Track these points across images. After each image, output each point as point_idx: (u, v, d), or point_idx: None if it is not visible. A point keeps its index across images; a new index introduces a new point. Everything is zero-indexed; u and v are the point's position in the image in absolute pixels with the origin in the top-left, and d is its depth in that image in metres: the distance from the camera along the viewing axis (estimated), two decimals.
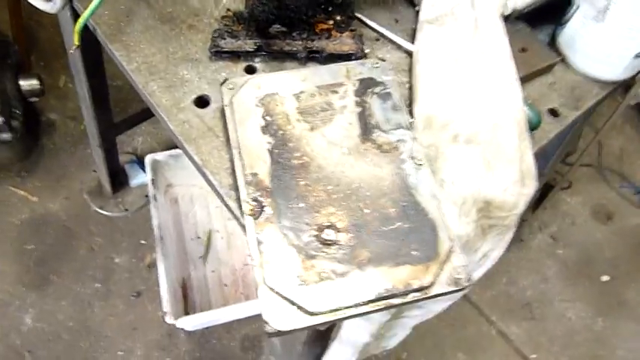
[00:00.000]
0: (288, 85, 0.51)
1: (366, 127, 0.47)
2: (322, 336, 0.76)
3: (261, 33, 0.57)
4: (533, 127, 0.55)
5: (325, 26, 0.58)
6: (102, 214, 1.66)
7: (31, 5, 0.70)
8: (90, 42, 0.99)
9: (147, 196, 1.67)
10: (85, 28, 0.61)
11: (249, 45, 0.55)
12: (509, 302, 1.63)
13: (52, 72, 1.87)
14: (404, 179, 0.43)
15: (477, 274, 0.59)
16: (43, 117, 1.82)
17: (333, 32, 0.58)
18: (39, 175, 1.72)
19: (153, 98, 0.54)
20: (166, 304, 1.32)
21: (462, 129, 0.51)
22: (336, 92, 0.50)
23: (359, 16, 0.63)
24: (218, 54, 0.56)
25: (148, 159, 1.54)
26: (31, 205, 1.69)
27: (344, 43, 0.57)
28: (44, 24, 2.03)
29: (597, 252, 1.73)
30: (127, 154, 1.76)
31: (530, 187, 0.54)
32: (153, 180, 1.51)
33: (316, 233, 0.43)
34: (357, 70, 0.53)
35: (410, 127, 0.46)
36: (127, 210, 1.67)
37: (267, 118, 0.48)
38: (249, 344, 1.53)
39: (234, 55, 0.56)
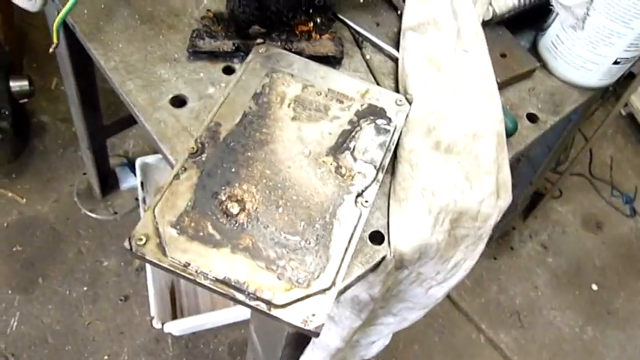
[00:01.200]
0: (306, 73, 0.51)
1: (341, 145, 0.47)
2: (304, 340, 0.75)
3: (240, 34, 0.57)
4: (509, 133, 0.55)
5: (305, 28, 0.58)
6: (91, 217, 1.66)
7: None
8: (78, 42, 0.99)
9: (137, 199, 1.66)
10: (68, 27, 0.61)
11: (227, 45, 0.55)
12: (499, 310, 1.63)
13: (44, 74, 1.87)
14: (335, 207, 0.43)
15: (451, 283, 0.59)
16: (34, 119, 1.81)
17: (313, 34, 0.58)
18: (28, 177, 1.72)
19: (129, 97, 0.53)
20: (154, 309, 1.31)
21: (444, 136, 0.51)
22: (341, 102, 0.50)
23: (341, 17, 0.63)
24: (196, 54, 0.56)
25: (139, 162, 1.54)
26: (19, 207, 1.68)
27: (323, 45, 0.57)
28: (36, 25, 2.03)
29: (587, 261, 1.73)
30: (118, 156, 1.76)
31: (506, 200, 0.54)
32: (142, 183, 1.51)
33: (223, 199, 0.43)
34: (376, 95, 0.52)
35: (381, 170, 0.46)
36: (116, 213, 1.66)
37: (266, 89, 0.48)
38: (237, 349, 1.52)
39: (213, 56, 0.56)
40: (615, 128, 2.04)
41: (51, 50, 0.61)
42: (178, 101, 0.54)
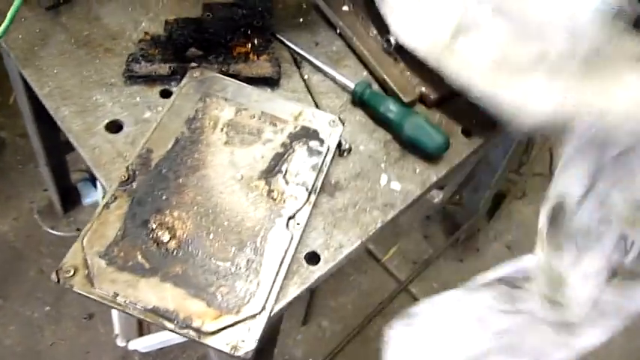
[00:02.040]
0: (241, 97, 0.51)
1: (273, 169, 0.48)
2: (267, 348, 0.75)
3: (178, 57, 0.57)
4: (442, 150, 0.57)
5: (243, 49, 0.59)
6: (53, 234, 1.62)
7: None
8: None
9: None
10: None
11: (163, 69, 0.55)
12: None
13: (1, 88, 1.83)
14: (267, 231, 0.43)
15: None
16: None
17: (251, 55, 0.58)
18: None
19: (64, 124, 0.53)
20: (118, 326, 1.29)
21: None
22: (274, 125, 0.50)
23: (279, 37, 0.63)
24: (132, 78, 0.56)
25: None
26: None
27: (261, 66, 0.57)
28: None
29: None
30: (80, 171, 1.73)
31: None
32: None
33: (154, 227, 0.43)
34: (310, 117, 0.52)
35: (313, 192, 0.46)
36: (79, 230, 1.63)
37: (199, 113, 0.48)
38: None
39: (150, 79, 0.56)
40: None
41: None
42: (114, 127, 0.53)
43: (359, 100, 0.60)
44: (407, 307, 1.15)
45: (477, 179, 1.52)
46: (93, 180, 1.68)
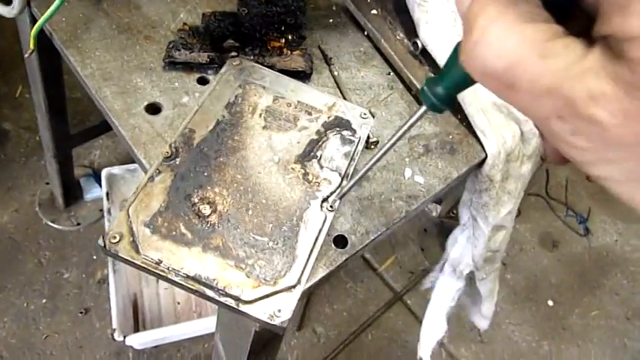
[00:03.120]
0: (278, 86, 0.54)
1: (308, 154, 0.50)
2: (268, 347, 0.76)
3: (215, 47, 0.60)
4: None
5: (277, 44, 0.62)
6: (53, 227, 1.62)
7: None
8: (49, 49, 0.99)
9: (101, 210, 1.64)
10: (43, 34, 0.62)
11: (202, 57, 0.57)
12: (459, 325, 1.67)
13: (8, 81, 1.84)
14: (302, 211, 0.46)
15: None
16: None
17: (285, 50, 0.61)
18: None
19: (105, 103, 0.55)
20: (116, 321, 1.28)
21: None
22: (309, 114, 0.53)
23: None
24: (172, 64, 0.58)
25: (105, 172, 1.52)
26: None
27: (294, 60, 0.60)
28: (4, 33, 1.99)
29: (543, 278, 1.80)
30: (83, 167, 1.73)
31: None
32: (108, 193, 1.49)
33: (196, 201, 0.45)
34: (343, 109, 0.54)
35: (345, 178, 0.49)
36: (79, 224, 1.63)
37: (238, 99, 0.51)
38: None
39: (188, 67, 0.59)
40: None
41: (26, 56, 0.62)
42: (153, 109, 0.55)
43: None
44: (401, 318, 1.18)
45: None
46: (96, 176, 1.69)
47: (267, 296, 0.41)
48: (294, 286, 0.42)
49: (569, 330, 1.70)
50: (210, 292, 0.41)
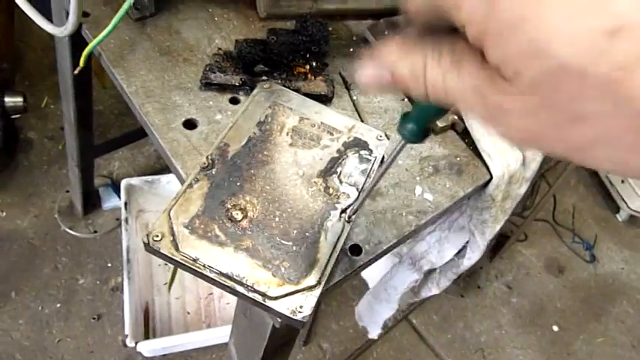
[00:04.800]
0: (303, 108, 0.59)
1: (329, 170, 0.55)
2: (283, 350, 0.80)
3: (246, 70, 0.66)
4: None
5: (302, 70, 0.67)
6: (70, 234, 1.67)
7: (29, 27, 0.75)
8: (82, 69, 1.06)
9: (118, 219, 1.69)
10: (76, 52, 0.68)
11: (235, 80, 0.63)
12: (464, 346, 1.69)
13: (35, 92, 1.92)
14: (323, 220, 0.51)
15: None
16: (22, 135, 1.84)
17: (309, 75, 0.67)
18: (10, 191, 1.73)
19: (147, 117, 0.61)
20: (129, 327, 1.32)
21: None
22: (331, 134, 0.58)
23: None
24: (208, 85, 0.64)
25: (124, 183, 1.58)
26: None
27: (317, 85, 0.66)
28: (32, 46, 2.09)
29: (549, 303, 1.82)
30: (103, 177, 1.80)
31: None
32: (126, 203, 1.55)
33: (229, 207, 0.50)
34: (361, 130, 0.60)
35: (362, 192, 0.55)
36: (96, 232, 1.68)
37: (268, 118, 0.57)
38: None
39: (222, 88, 0.64)
40: (577, 179, 2.18)
41: (76, 72, 0.68)
42: (190, 124, 0.61)
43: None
44: (406, 337, 1.22)
45: None
46: (114, 186, 1.75)
47: (290, 294, 0.46)
48: (314, 286, 0.47)
49: (574, 356, 1.71)
50: (240, 288, 0.46)
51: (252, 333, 0.74)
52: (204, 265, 0.46)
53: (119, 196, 1.69)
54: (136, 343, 1.32)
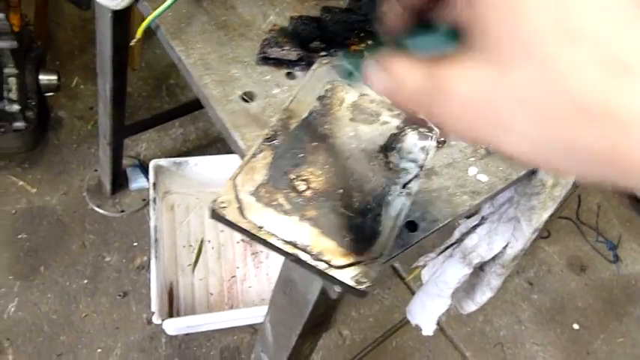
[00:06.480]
0: (361, 84, 0.60)
1: (390, 145, 0.56)
2: (317, 330, 0.81)
3: (303, 46, 0.66)
4: None
5: (357, 48, 0.68)
6: (98, 212, 1.69)
7: (60, 6, 0.76)
8: (122, 47, 1.07)
9: (144, 200, 1.71)
10: (125, 27, 0.69)
11: (292, 55, 0.64)
12: (484, 340, 1.69)
13: (65, 72, 1.94)
14: (384, 194, 0.52)
15: None
16: (52, 113, 1.87)
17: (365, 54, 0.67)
18: (41, 168, 1.76)
19: (205, 90, 0.61)
20: (155, 305, 1.34)
21: None
22: (390, 110, 0.58)
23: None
24: (265, 59, 0.64)
25: (152, 163, 1.59)
26: (29, 196, 1.71)
27: None
28: (63, 26, 2.11)
29: (570, 301, 1.81)
30: (130, 157, 1.82)
31: None
32: (154, 184, 1.56)
33: (293, 177, 0.51)
34: None
35: (421, 168, 0.55)
36: (123, 211, 1.71)
37: (328, 93, 0.57)
38: (229, 355, 1.54)
39: (278, 62, 0.65)
40: None
41: (132, 43, 0.69)
42: (248, 97, 0.62)
43: None
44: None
45: None
46: (141, 167, 1.77)
47: (353, 264, 0.46)
48: (376, 258, 0.47)
49: (594, 355, 1.70)
50: (304, 256, 0.46)
51: (292, 310, 0.75)
52: (269, 233, 0.46)
53: (146, 177, 1.71)
54: (162, 321, 1.34)
